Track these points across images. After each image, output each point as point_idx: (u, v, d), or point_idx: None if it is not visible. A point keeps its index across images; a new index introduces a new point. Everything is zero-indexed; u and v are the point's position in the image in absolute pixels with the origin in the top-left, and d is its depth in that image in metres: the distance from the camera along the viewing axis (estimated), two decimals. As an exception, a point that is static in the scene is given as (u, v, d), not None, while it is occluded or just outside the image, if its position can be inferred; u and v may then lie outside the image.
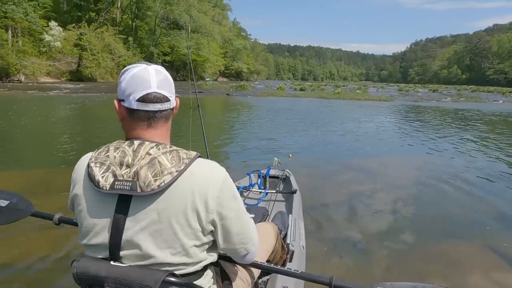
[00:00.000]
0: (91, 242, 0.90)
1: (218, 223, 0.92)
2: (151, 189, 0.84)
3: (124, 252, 0.88)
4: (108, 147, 0.91)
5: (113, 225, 0.87)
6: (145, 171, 0.85)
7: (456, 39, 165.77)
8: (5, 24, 29.62)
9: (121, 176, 0.86)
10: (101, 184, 0.86)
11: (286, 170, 3.02)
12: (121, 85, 0.93)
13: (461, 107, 20.07)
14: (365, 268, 2.47)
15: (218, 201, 0.90)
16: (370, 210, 3.64)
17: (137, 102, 0.90)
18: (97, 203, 0.89)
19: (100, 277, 0.83)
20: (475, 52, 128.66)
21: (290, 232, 1.89)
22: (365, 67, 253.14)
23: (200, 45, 52.56)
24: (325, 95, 26.54)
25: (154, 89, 0.91)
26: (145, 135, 0.93)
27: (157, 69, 0.95)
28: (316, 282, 1.14)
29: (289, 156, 3.23)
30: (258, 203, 2.41)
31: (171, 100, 0.95)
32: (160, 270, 0.86)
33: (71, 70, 36.39)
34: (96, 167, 0.88)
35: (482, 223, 3.41)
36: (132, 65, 0.96)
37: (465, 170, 5.49)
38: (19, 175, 4.41)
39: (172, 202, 0.86)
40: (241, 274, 1.24)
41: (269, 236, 1.50)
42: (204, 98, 21.94)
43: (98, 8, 42.48)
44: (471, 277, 2.44)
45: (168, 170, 0.86)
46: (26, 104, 14.00)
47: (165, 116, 0.95)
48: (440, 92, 41.50)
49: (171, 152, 0.89)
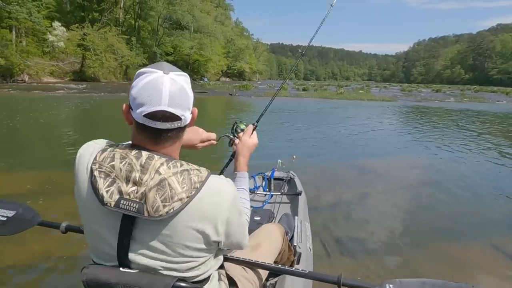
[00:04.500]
0: (98, 253, 0.91)
1: (223, 239, 0.93)
2: (159, 215, 0.81)
3: (133, 264, 0.87)
4: (113, 154, 0.85)
5: (119, 241, 0.86)
6: (153, 194, 0.81)
7: (459, 38, 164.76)
8: (9, 25, 29.71)
9: (128, 195, 0.82)
10: (105, 199, 0.82)
11: (291, 171, 3.01)
12: (132, 92, 0.84)
13: (464, 107, 19.99)
14: (372, 267, 2.48)
15: (226, 223, 0.90)
16: (375, 210, 3.65)
17: (144, 118, 0.82)
18: (102, 218, 0.86)
19: (110, 283, 0.83)
20: (479, 52, 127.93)
21: (297, 234, 1.89)
22: (367, 67, 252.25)
23: (203, 45, 52.57)
24: (328, 95, 26.48)
25: (164, 107, 0.81)
26: (152, 148, 0.87)
27: (174, 79, 0.84)
28: (325, 281, 1.14)
29: (292, 157, 3.23)
30: (263, 206, 2.41)
31: (183, 119, 0.86)
32: (169, 276, 0.87)
33: (74, 70, 36.47)
34: (101, 179, 0.83)
35: (490, 223, 3.41)
36: (148, 69, 0.85)
37: (470, 170, 5.49)
38: (26, 177, 4.42)
39: (179, 228, 0.84)
40: (249, 276, 1.24)
41: (276, 237, 1.50)
42: (208, 98, 21.96)
43: (101, 8, 42.52)
44: (479, 276, 2.45)
45: (179, 196, 0.82)
46: (31, 104, 14.06)
47: (175, 135, 0.88)
48: (444, 92, 41.28)
49: (182, 173, 0.84)
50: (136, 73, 0.87)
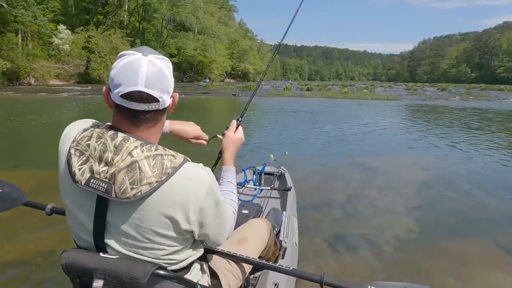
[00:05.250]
0: (76, 230, 0.91)
1: (197, 229, 0.91)
2: (125, 197, 0.80)
3: (109, 247, 0.87)
4: (92, 133, 0.85)
5: (95, 223, 0.86)
6: (122, 176, 0.80)
7: (465, 37, 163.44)
8: (15, 28, 30.15)
9: (98, 174, 0.81)
10: (76, 177, 0.82)
11: (282, 167, 3.01)
12: (111, 73, 0.83)
13: (470, 105, 19.79)
14: (357, 266, 2.45)
15: (200, 213, 0.88)
16: (365, 208, 3.58)
17: (120, 98, 0.82)
18: (76, 195, 0.87)
19: (89, 268, 0.83)
20: (485, 50, 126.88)
21: (283, 229, 1.90)
22: (372, 66, 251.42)
23: (207, 46, 52.84)
24: (331, 95, 26.41)
25: (140, 87, 0.81)
26: (129, 130, 0.86)
27: (152, 61, 0.83)
28: (308, 280, 1.14)
29: (285, 154, 3.23)
30: (252, 200, 2.42)
31: (161, 101, 0.85)
32: (150, 263, 0.86)
33: (79, 73, 36.88)
34: (75, 156, 0.84)
35: (496, 223, 3.32)
36: (129, 51, 0.85)
37: (474, 168, 5.40)
38: (30, 175, 4.44)
39: (149, 213, 0.83)
40: (233, 269, 1.24)
41: (262, 232, 1.49)
42: (211, 99, 22.02)
43: (105, 11, 42.97)
44: (477, 276, 2.40)
45: (148, 180, 0.80)
46: (37, 106, 14.21)
47: (152, 117, 0.86)
48: (449, 90, 40.97)
49: (155, 157, 0.82)
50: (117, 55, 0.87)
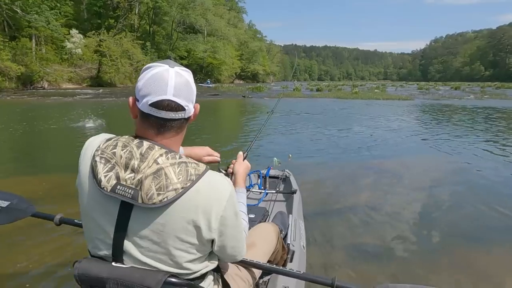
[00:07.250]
0: (94, 238, 0.92)
1: (217, 239, 0.93)
2: (152, 202, 0.83)
3: (126, 254, 0.88)
4: (116, 142, 0.88)
5: (116, 229, 0.87)
6: (149, 182, 0.83)
7: (478, 34, 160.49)
8: (29, 33, 30.82)
9: (124, 181, 0.84)
10: (102, 184, 0.84)
11: (286, 170, 2.99)
12: (138, 84, 0.88)
13: (485, 104, 19.35)
14: (365, 268, 2.40)
15: (221, 220, 0.90)
16: (372, 210, 3.49)
17: (149, 107, 0.86)
18: (100, 202, 0.88)
19: (102, 278, 0.84)
20: (499, 48, 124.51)
21: (291, 232, 1.88)
22: (383, 66, 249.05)
23: (216, 48, 53.13)
24: (342, 95, 26.21)
25: (169, 96, 0.86)
26: (154, 139, 0.90)
27: (179, 72, 0.89)
28: (318, 283, 1.13)
29: (289, 156, 3.21)
30: (258, 203, 2.39)
31: (187, 110, 0.90)
32: (161, 272, 0.87)
33: (91, 76, 37.48)
34: (101, 164, 0.86)
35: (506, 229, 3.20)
36: (155, 64, 0.91)
37: (488, 171, 5.22)
38: (42, 179, 4.47)
39: (173, 218, 0.85)
40: (242, 275, 1.24)
41: (270, 236, 1.49)
42: (220, 100, 22.10)
43: (116, 15, 43.59)
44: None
45: (174, 186, 0.83)
46: (50, 110, 14.47)
47: (178, 126, 0.91)
48: (463, 89, 40.22)
49: (179, 164, 0.86)
50: (142, 68, 0.92)
